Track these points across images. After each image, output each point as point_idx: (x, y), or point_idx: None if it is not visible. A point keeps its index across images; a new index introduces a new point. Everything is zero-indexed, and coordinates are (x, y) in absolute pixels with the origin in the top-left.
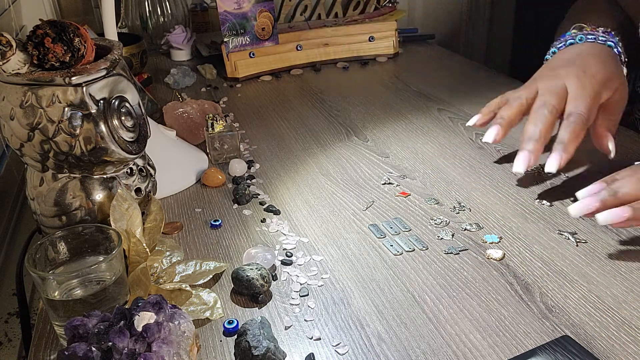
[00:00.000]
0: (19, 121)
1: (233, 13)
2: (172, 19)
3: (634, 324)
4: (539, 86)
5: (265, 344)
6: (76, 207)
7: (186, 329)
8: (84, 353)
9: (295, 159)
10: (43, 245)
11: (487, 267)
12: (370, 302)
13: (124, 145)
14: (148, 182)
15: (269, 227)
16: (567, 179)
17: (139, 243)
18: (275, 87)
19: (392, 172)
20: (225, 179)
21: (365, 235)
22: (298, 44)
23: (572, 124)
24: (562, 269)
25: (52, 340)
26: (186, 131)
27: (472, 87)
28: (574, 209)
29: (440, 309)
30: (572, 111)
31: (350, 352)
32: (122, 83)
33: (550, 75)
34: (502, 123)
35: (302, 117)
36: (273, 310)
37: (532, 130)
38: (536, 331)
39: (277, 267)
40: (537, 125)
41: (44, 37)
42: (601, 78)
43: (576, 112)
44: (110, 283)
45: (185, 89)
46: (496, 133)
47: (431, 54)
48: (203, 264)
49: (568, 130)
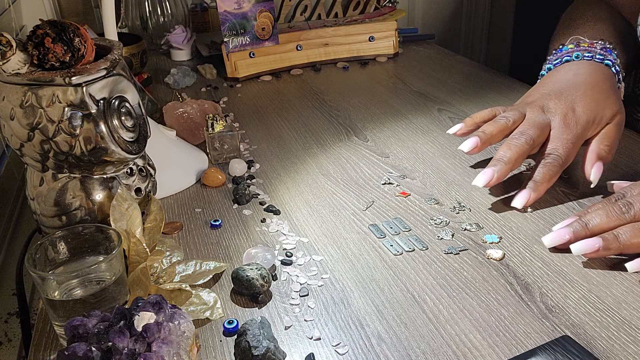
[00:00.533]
0: (19, 121)
1: (233, 13)
2: (172, 19)
3: (634, 324)
4: (527, 113)
5: (265, 344)
6: (76, 207)
7: (186, 329)
8: (84, 353)
9: (295, 159)
10: (43, 245)
11: (487, 267)
12: (370, 302)
13: (124, 145)
14: (148, 182)
15: (269, 227)
16: (567, 178)
17: (139, 243)
18: (275, 87)
19: (392, 172)
20: (225, 179)
21: (365, 235)
22: (298, 44)
23: (547, 165)
24: (562, 269)
25: (52, 340)
26: (186, 131)
27: (472, 87)
28: (547, 239)
29: (440, 309)
30: (550, 152)
31: (350, 352)
32: (122, 83)
33: (539, 106)
34: (482, 137)
35: (302, 117)
36: (273, 310)
37: (503, 153)
38: (536, 331)
39: (277, 267)
40: (510, 150)
41: (44, 37)
42: (587, 119)
43: (554, 154)
44: (110, 283)
45: (185, 89)
46: (473, 144)
47: (431, 54)
48: (203, 264)
49: (542, 171)
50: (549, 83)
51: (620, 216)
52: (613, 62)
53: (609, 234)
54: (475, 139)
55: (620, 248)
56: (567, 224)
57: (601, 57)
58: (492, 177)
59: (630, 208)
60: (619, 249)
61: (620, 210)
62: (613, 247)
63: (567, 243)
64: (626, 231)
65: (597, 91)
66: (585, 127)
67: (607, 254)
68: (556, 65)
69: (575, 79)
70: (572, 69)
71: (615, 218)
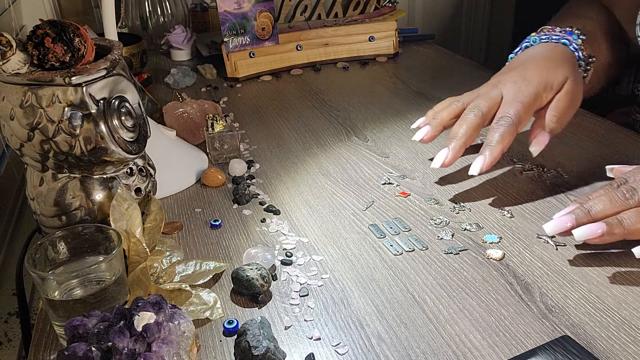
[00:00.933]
0: (19, 121)
1: (233, 13)
2: (172, 19)
3: (634, 324)
4: (480, 91)
5: (265, 344)
6: (76, 207)
7: (186, 329)
8: (84, 353)
9: (295, 159)
10: (43, 245)
11: (487, 267)
12: (370, 302)
13: (124, 145)
14: (148, 182)
15: (269, 227)
16: (567, 178)
17: (138, 243)
18: (275, 87)
19: (392, 172)
20: (225, 179)
21: (365, 235)
22: (298, 44)
23: (499, 127)
24: (562, 269)
25: (52, 340)
26: (186, 131)
27: (472, 87)
28: (549, 226)
29: (440, 309)
30: (501, 115)
31: (350, 352)
32: (122, 83)
33: (492, 83)
34: (434, 123)
35: (302, 117)
36: (273, 310)
37: (455, 130)
38: (536, 331)
39: (277, 267)
40: (461, 126)
41: (44, 37)
42: (538, 81)
43: (505, 115)
44: (110, 283)
45: (185, 89)
46: (425, 133)
47: (431, 54)
48: (203, 264)
49: (494, 134)
50: (505, 68)
51: (624, 202)
52: (571, 42)
53: (613, 218)
54: (426, 127)
55: (624, 233)
56: (568, 211)
57: (557, 37)
58: (447, 155)
59: (635, 193)
60: (623, 234)
61: (623, 195)
62: (617, 232)
63: (569, 230)
64: (630, 216)
65: (549, 60)
66: (537, 89)
67: (611, 239)
68: (517, 53)
69: (528, 57)
70: (528, 53)
71: (619, 204)
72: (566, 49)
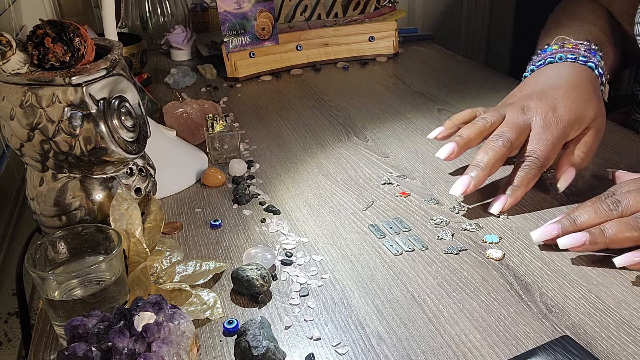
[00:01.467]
0: (19, 121)
1: (233, 13)
2: (172, 19)
3: (634, 324)
4: (507, 114)
5: (265, 344)
6: (76, 207)
7: (186, 329)
8: (84, 353)
9: (295, 159)
10: (43, 245)
11: (487, 267)
12: (370, 302)
13: (124, 145)
14: (148, 182)
15: (269, 227)
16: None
17: (138, 243)
18: (275, 87)
19: (392, 172)
20: (225, 179)
21: (365, 235)
22: (298, 44)
23: (525, 168)
24: (562, 269)
25: (52, 340)
26: (186, 131)
27: (472, 87)
28: (536, 234)
29: (440, 309)
30: (528, 154)
31: (350, 352)
32: (122, 83)
33: (519, 106)
34: (459, 142)
35: (302, 117)
36: (273, 310)
37: (480, 158)
38: (536, 331)
39: (277, 267)
40: (487, 155)
41: (44, 37)
42: (568, 119)
43: (533, 156)
44: (110, 283)
45: (185, 89)
46: (450, 150)
47: (431, 54)
48: (203, 264)
49: (520, 175)
50: (531, 84)
51: (608, 213)
52: (596, 65)
53: (596, 228)
54: (452, 144)
55: (607, 242)
56: (556, 220)
57: (584, 59)
58: (469, 184)
59: (618, 205)
60: (606, 243)
61: (608, 207)
62: (599, 242)
63: (554, 238)
64: (612, 226)
65: (579, 92)
66: (566, 128)
67: (594, 248)
68: (539, 67)
69: (557, 80)
70: (555, 71)
71: (603, 215)
72: (592, 74)
